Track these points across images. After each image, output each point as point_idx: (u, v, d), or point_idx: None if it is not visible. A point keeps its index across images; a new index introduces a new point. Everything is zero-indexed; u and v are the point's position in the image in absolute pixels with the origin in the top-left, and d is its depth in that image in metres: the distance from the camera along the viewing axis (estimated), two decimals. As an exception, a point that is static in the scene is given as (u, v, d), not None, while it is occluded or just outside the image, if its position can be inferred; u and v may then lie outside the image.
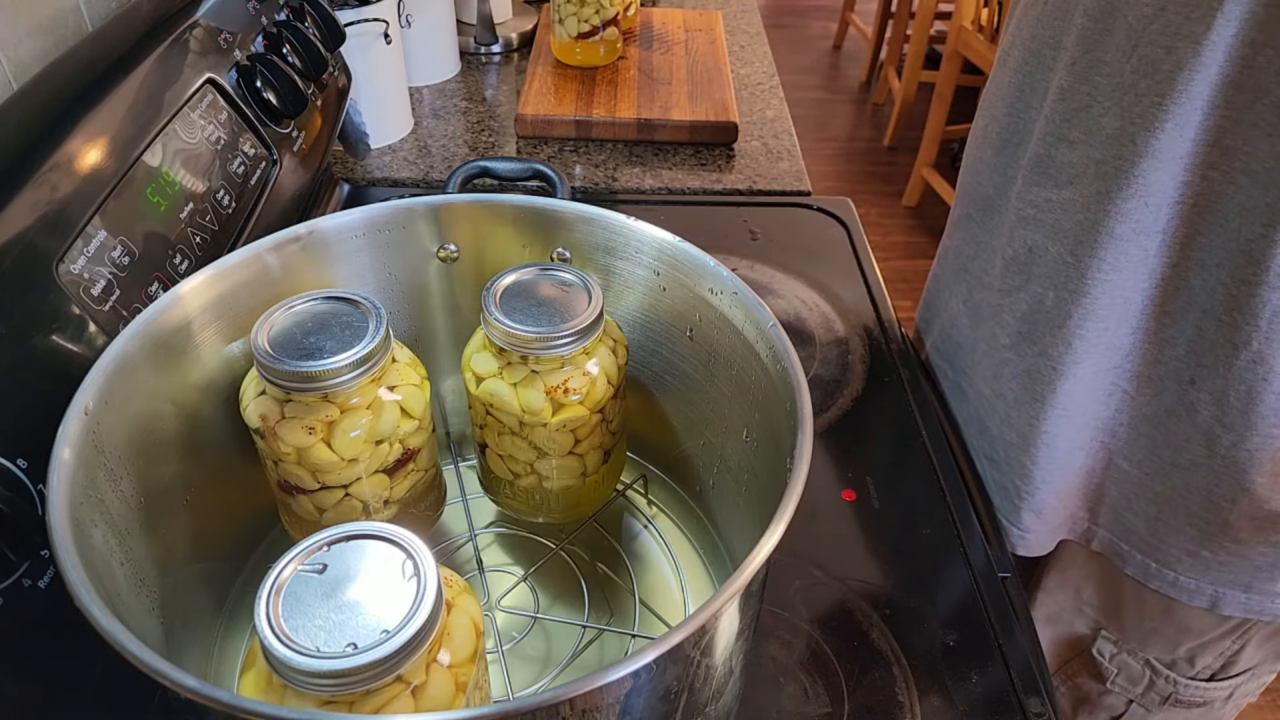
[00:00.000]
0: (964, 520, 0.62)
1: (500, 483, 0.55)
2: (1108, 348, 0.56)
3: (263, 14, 0.69)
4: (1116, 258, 0.52)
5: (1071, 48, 0.53)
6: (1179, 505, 0.57)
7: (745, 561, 0.34)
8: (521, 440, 0.50)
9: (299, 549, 0.36)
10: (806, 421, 0.40)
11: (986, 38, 2.20)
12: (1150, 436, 0.57)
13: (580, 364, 0.48)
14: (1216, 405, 0.52)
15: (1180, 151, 0.48)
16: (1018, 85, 0.60)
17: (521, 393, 0.48)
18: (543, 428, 0.49)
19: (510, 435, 0.50)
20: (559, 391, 0.48)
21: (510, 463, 0.52)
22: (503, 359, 0.49)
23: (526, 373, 0.48)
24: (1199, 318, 0.51)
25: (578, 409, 0.48)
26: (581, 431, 0.50)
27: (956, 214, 0.71)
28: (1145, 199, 0.50)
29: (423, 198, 0.53)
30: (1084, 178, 0.53)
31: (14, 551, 0.39)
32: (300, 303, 0.46)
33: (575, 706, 0.31)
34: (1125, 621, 0.66)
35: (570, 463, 0.52)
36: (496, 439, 0.51)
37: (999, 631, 0.55)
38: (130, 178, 0.51)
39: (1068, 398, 0.59)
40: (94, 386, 0.39)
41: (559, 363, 0.48)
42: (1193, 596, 0.59)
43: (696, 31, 1.21)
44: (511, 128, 1.04)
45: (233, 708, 0.29)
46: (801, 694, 0.52)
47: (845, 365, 0.74)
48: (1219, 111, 0.46)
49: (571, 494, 0.54)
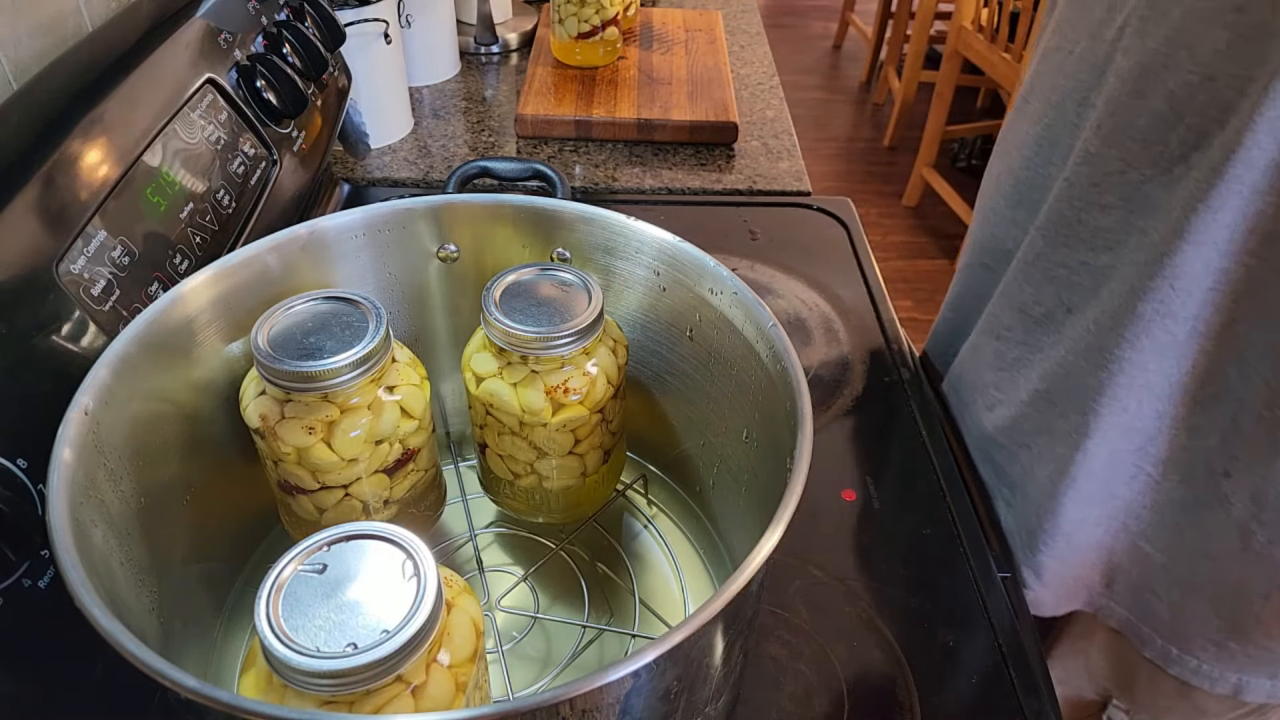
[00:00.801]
0: (964, 520, 0.62)
1: (500, 483, 0.55)
2: (1129, 429, 0.53)
3: (263, 14, 0.69)
4: (1138, 337, 0.49)
5: (1100, 108, 0.50)
6: (1206, 594, 0.54)
7: (745, 561, 0.34)
8: (521, 440, 0.50)
9: (299, 549, 0.36)
10: (806, 421, 0.40)
11: (986, 38, 2.20)
12: (1177, 524, 0.54)
13: (580, 364, 0.48)
14: (1253, 501, 0.49)
15: (1218, 236, 0.44)
16: (1037, 138, 0.58)
17: (521, 393, 0.48)
18: (543, 428, 0.49)
19: (510, 435, 0.50)
20: (559, 391, 0.48)
21: (510, 463, 0.52)
22: (503, 359, 0.49)
23: (526, 373, 0.48)
24: (1235, 409, 0.48)
25: (578, 409, 0.48)
26: (581, 431, 0.50)
27: (971, 262, 0.69)
28: (1173, 282, 0.47)
29: (423, 198, 0.53)
30: (1125, 246, 0.50)
31: (14, 551, 0.39)
32: (300, 303, 0.46)
33: (575, 706, 0.31)
34: (1138, 696, 0.63)
35: (570, 463, 0.52)
36: (496, 439, 0.51)
37: (999, 631, 0.55)
38: (130, 178, 0.51)
39: (1086, 474, 0.55)
40: (94, 386, 0.39)
41: (559, 363, 0.48)
42: (1215, 684, 0.56)
43: (696, 31, 1.21)
44: (511, 128, 1.04)
45: (233, 708, 0.29)
46: (801, 694, 0.52)
47: (845, 365, 0.74)
48: (1264, 196, 0.42)
49: (571, 494, 0.54)
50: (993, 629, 0.56)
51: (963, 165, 2.80)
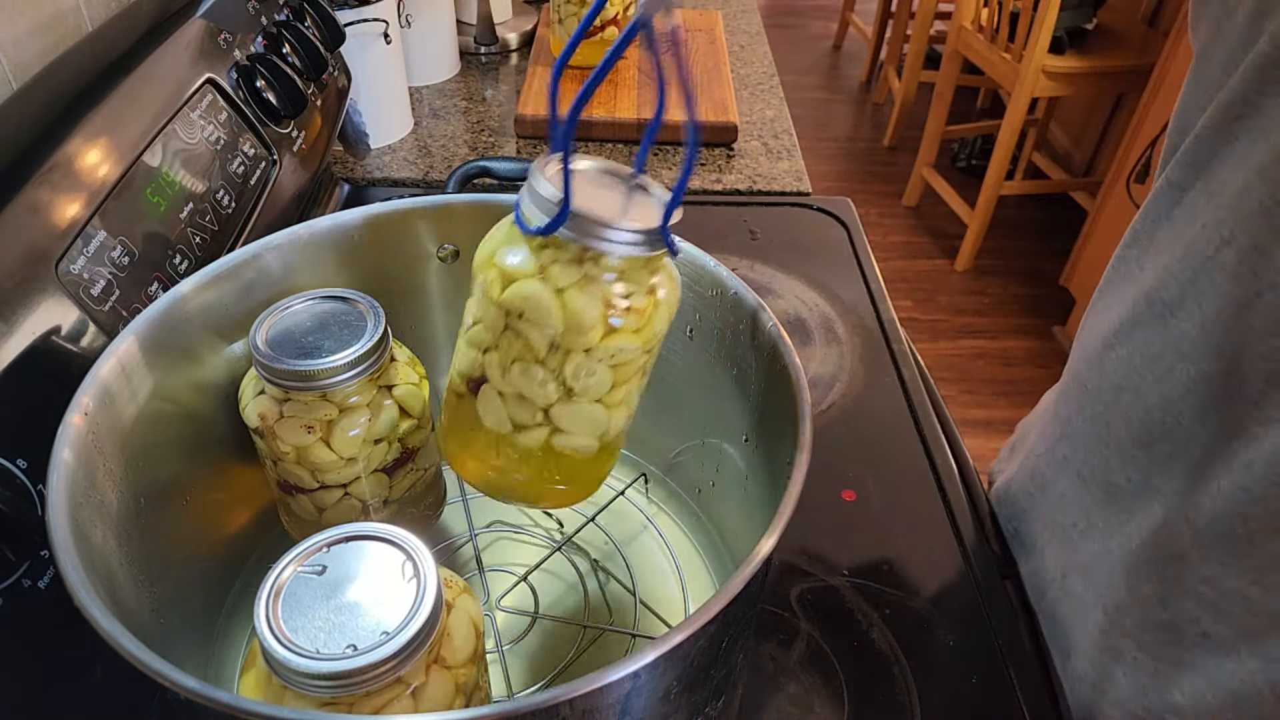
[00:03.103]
0: (964, 520, 0.62)
1: (484, 440, 0.42)
2: None
3: (263, 14, 0.69)
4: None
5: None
6: None
7: (745, 561, 0.34)
8: (546, 372, 0.39)
9: (299, 550, 0.36)
10: (806, 421, 0.40)
11: (986, 38, 2.20)
12: None
13: (642, 281, 0.38)
14: None
15: None
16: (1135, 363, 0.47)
17: (571, 299, 0.37)
18: (584, 355, 0.38)
19: (532, 364, 0.39)
20: (616, 308, 0.37)
21: (517, 407, 0.40)
22: (547, 254, 0.37)
23: (580, 275, 0.37)
24: None
25: (633, 337, 0.38)
26: (624, 372, 0.40)
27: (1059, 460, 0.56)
28: None
29: (423, 198, 0.53)
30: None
31: (14, 552, 0.39)
32: (299, 302, 0.46)
33: (575, 707, 0.31)
34: None
35: (595, 414, 0.41)
36: (505, 371, 0.39)
37: (999, 631, 0.55)
38: (130, 178, 0.51)
39: None
40: (94, 386, 0.39)
41: (620, 271, 0.37)
42: None
43: (696, 31, 1.21)
44: (511, 128, 1.04)
45: (232, 709, 0.29)
46: (801, 694, 0.52)
47: (845, 365, 0.74)
48: None
49: (580, 466, 0.43)
50: (992, 628, 0.56)
51: (963, 165, 2.80)
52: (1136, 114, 1.96)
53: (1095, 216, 2.11)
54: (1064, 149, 2.71)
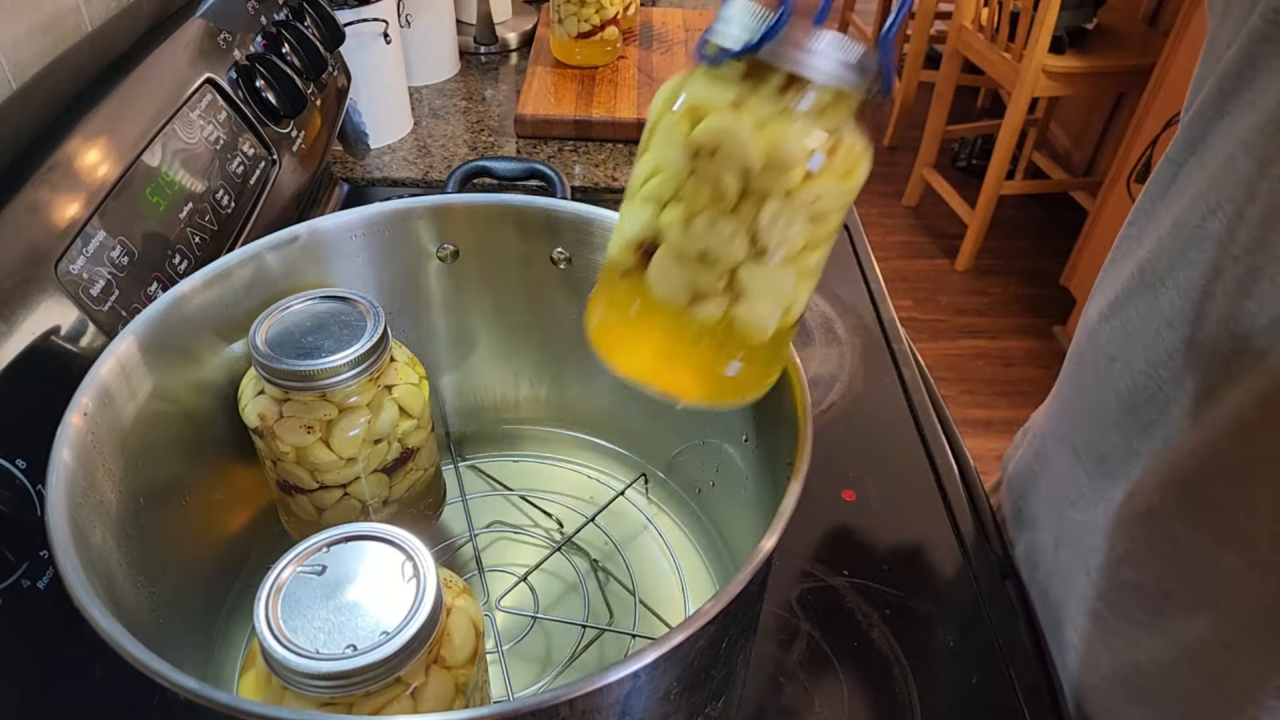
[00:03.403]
0: (964, 520, 0.62)
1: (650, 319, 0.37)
2: None
3: (262, 14, 0.69)
4: None
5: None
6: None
7: (745, 562, 0.34)
8: (736, 223, 0.34)
9: (298, 550, 0.36)
10: (806, 421, 0.40)
11: (986, 38, 2.20)
12: None
13: (842, 124, 0.34)
14: None
15: None
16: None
17: (773, 130, 0.32)
18: (782, 200, 0.33)
19: (718, 216, 0.34)
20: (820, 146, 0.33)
21: (698, 269, 0.35)
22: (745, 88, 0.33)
23: (779, 110, 0.32)
24: None
25: (838, 181, 0.34)
26: (820, 230, 0.35)
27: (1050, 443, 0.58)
28: None
29: (422, 198, 0.53)
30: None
31: (14, 552, 0.39)
32: (299, 302, 0.46)
33: (575, 707, 0.31)
34: None
35: (784, 279, 0.35)
36: (686, 226, 0.34)
37: (999, 631, 0.55)
38: (129, 178, 0.51)
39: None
40: (93, 387, 0.39)
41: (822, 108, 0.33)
42: None
43: (696, 31, 1.21)
44: (511, 127, 1.04)
45: (232, 709, 0.29)
46: (801, 694, 0.52)
47: (845, 365, 0.74)
48: None
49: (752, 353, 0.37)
50: (992, 629, 0.56)
51: (963, 165, 2.80)
52: (1136, 114, 1.96)
53: (1095, 216, 2.11)
54: (1064, 149, 2.71)
